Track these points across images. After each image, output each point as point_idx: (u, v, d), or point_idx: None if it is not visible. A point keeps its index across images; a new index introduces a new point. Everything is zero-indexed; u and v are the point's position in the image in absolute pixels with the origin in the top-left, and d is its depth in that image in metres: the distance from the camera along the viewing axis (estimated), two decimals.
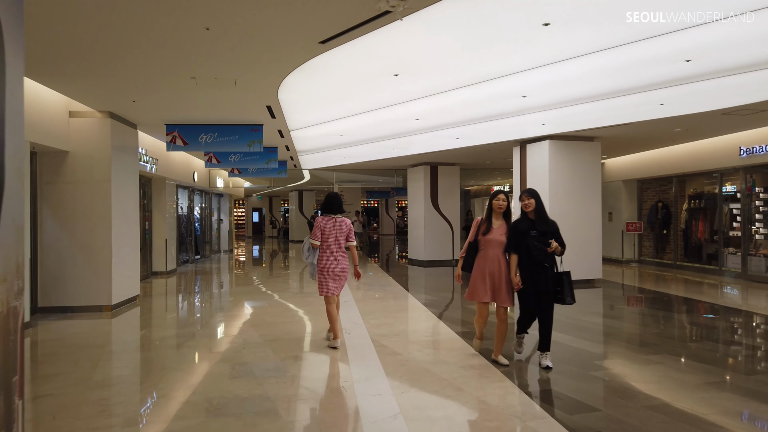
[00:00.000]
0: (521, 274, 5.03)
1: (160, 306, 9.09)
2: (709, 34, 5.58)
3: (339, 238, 5.88)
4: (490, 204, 5.31)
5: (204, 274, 14.09)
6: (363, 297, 9.40)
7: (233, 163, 11.82)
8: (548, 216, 5.21)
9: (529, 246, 4.98)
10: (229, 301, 9.63)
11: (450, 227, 15.64)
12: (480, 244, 5.23)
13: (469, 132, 10.80)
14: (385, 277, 12.56)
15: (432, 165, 15.49)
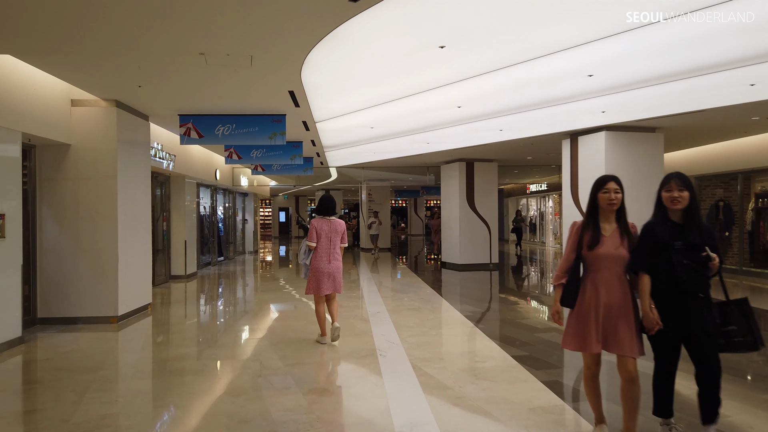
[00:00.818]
0: (658, 308, 3.27)
1: (173, 317, 8.17)
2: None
3: (333, 239, 5.97)
4: (593, 199, 3.49)
5: (226, 277, 13.21)
6: (396, 307, 8.31)
7: (255, 159, 10.87)
8: (701, 218, 3.41)
9: (674, 264, 3.22)
10: (250, 309, 8.66)
11: (487, 228, 14.42)
12: (585, 262, 3.39)
13: (514, 123, 9.61)
14: (417, 282, 11.45)
15: (468, 161, 14.30)
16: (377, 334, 6.48)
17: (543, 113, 8.86)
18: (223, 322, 7.77)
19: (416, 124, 9.73)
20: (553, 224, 22.68)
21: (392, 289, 10.52)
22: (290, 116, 8.44)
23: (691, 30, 5.16)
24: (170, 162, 10.77)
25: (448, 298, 9.33)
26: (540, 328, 7.10)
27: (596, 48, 5.70)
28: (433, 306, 8.59)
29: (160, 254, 11.44)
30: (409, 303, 8.78)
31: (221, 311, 8.67)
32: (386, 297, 9.34)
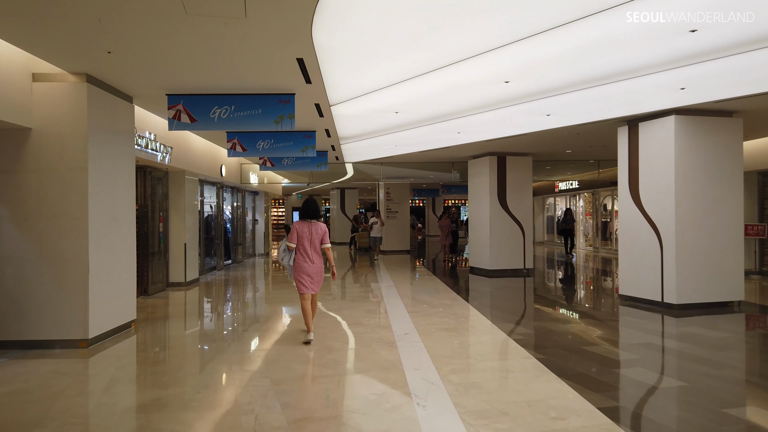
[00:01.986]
0: None
1: (160, 338, 6.76)
2: None
3: (314, 241, 6.12)
4: None
5: (231, 284, 11.82)
6: (427, 326, 6.81)
7: (262, 151, 9.45)
8: None
9: None
10: (253, 326, 7.23)
11: (521, 230, 12.86)
12: None
13: (560, 106, 8.06)
14: (444, 292, 9.94)
15: (499, 155, 12.75)
16: (409, 368, 4.99)
17: (596, 94, 7.32)
18: (219, 346, 6.34)
19: (447, 107, 8.21)
20: (584, 225, 20.99)
21: (417, 300, 9.03)
22: (300, 97, 6.99)
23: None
24: (166, 155, 9.39)
25: (486, 313, 7.80)
26: (618, 361, 5.56)
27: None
28: (472, 324, 7.08)
29: (156, 259, 10.09)
30: (441, 320, 7.27)
31: (219, 330, 7.24)
32: (413, 311, 7.84)
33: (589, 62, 6.01)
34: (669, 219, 8.07)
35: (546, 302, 9.45)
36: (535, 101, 7.69)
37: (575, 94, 7.36)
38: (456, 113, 8.49)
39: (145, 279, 9.65)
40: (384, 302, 8.77)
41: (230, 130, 6.89)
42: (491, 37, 5.25)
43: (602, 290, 11.10)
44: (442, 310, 8.02)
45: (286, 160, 12.02)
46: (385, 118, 8.91)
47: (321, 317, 7.47)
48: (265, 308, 8.80)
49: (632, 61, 5.95)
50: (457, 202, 36.57)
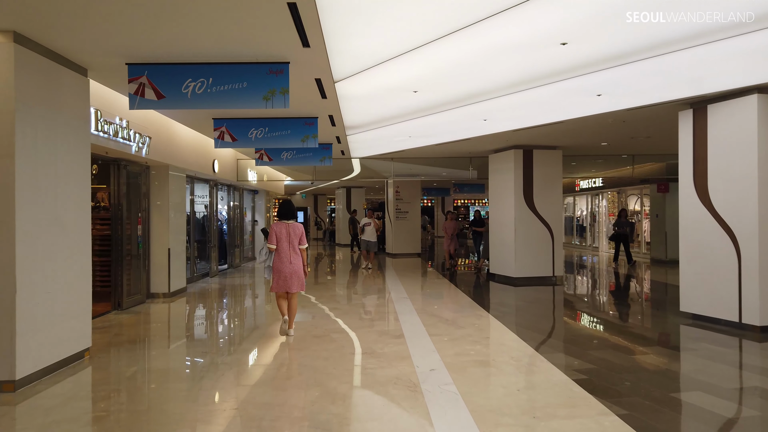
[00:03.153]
0: None
1: (120, 372, 5.29)
2: None
3: (292, 241, 6.26)
4: None
5: (224, 294, 10.36)
6: (456, 357, 5.32)
7: (254, 141, 7.99)
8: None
9: None
10: (240, 355, 5.75)
11: (549, 233, 11.33)
12: None
13: (616, 84, 6.56)
14: (468, 306, 8.44)
15: (525, 149, 11.22)
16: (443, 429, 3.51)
17: (654, 66, 5.82)
18: (190, 391, 4.87)
19: (477, 84, 6.71)
20: (607, 226, 19.41)
21: (438, 316, 7.54)
22: (297, 67, 5.51)
23: None
24: (143, 146, 7.94)
25: (526, 337, 6.29)
26: (733, 419, 4.04)
27: None
28: (513, 355, 5.56)
29: (133, 267, 8.64)
30: (472, 348, 5.77)
31: (197, 358, 5.77)
32: (435, 334, 6.35)
33: (651, 16, 4.51)
34: (750, 222, 6.53)
35: (591, 320, 7.92)
36: (587, 75, 6.17)
37: (631, 68, 5.86)
38: (487, 92, 6.98)
39: (118, 290, 8.20)
40: (399, 320, 7.28)
41: (208, 108, 5.39)
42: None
43: (653, 304, 9.56)
44: (470, 333, 6.50)
45: (285, 154, 10.54)
46: (400, 100, 7.41)
47: (325, 342, 5.98)
48: (257, 327, 7.32)
49: (700, 23, 4.47)
50: (466, 201, 35.04)
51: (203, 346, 6.22)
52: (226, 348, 6.07)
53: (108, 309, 8.12)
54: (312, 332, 6.57)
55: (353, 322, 7.26)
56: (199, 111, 8.00)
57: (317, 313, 7.83)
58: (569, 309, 8.76)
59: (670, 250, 14.75)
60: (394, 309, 8.12)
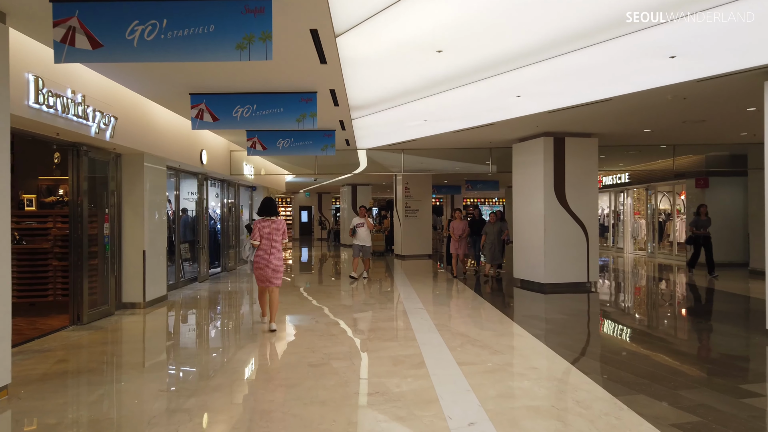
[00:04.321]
0: None
1: (35, 422, 3.84)
2: None
3: (275, 237, 6.32)
4: None
5: (210, 302, 8.93)
6: (501, 401, 3.86)
7: (241, 121, 6.55)
8: None
9: None
10: (216, 384, 4.30)
11: (584, 233, 9.82)
12: None
13: (690, 41, 5.08)
14: (500, 320, 6.97)
15: (557, 136, 9.72)
16: None
17: (741, 18, 4.34)
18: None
19: (513, 44, 5.24)
20: (632, 226, 17.85)
21: (465, 336, 6.07)
22: (282, 6, 4.05)
23: None
24: (106, 127, 6.51)
25: (587, 368, 4.81)
26: None
27: None
28: (582, 401, 4.06)
29: (98, 273, 7.23)
30: (520, 385, 4.30)
31: (151, 400, 4.32)
32: (467, 362, 4.87)
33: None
34: None
35: (659, 343, 6.41)
36: (659, 28, 4.69)
37: (713, 18, 4.39)
38: (524, 55, 5.49)
39: (77, 302, 6.77)
40: (416, 339, 5.80)
41: (161, 59, 3.89)
42: None
43: (722, 318, 8.04)
44: (511, 361, 5.02)
45: (281, 141, 9.09)
46: (417, 65, 5.92)
47: (324, 374, 4.52)
48: (241, 348, 5.86)
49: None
50: (476, 200, 33.49)
51: (163, 381, 4.76)
52: (194, 384, 4.61)
53: (65, 324, 6.71)
54: (308, 358, 5.11)
55: (360, 343, 5.80)
56: (173, 83, 6.56)
57: (316, 330, 6.37)
58: (620, 324, 7.26)
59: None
60: (409, 324, 6.65)
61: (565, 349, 5.48)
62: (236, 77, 6.23)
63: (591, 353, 5.42)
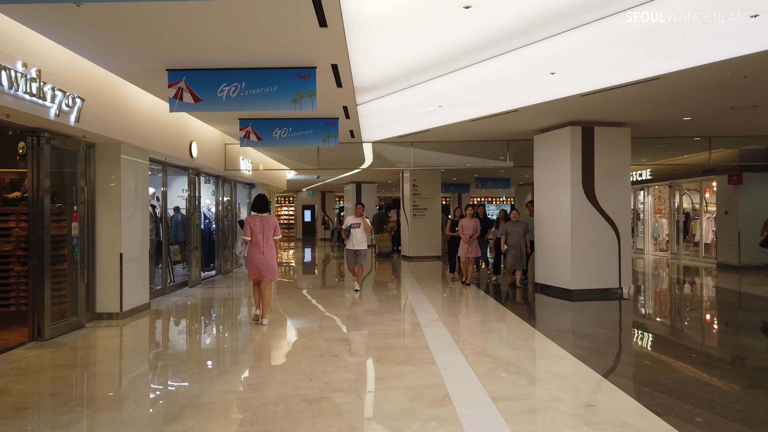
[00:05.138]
0: None
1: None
2: None
3: (266, 233, 6.33)
4: None
5: (199, 311, 7.93)
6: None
7: (227, 102, 5.53)
8: None
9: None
10: (187, 429, 3.31)
11: (615, 233, 8.77)
12: None
13: None
14: (530, 336, 5.94)
15: (585, 125, 8.68)
16: None
17: None
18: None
19: (547, 3, 4.21)
20: (653, 226, 16.76)
21: (496, 359, 5.04)
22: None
23: None
24: (70, 110, 5.50)
25: (649, 401, 3.77)
26: None
27: None
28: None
29: (66, 279, 6.24)
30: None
31: None
32: (502, 397, 3.84)
33: None
34: None
35: (718, 362, 5.36)
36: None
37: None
38: (561, 16, 4.45)
39: (38, 313, 5.76)
40: (436, 362, 4.77)
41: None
42: None
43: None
44: (557, 393, 3.97)
45: (278, 131, 8.09)
46: (437, 29, 4.88)
47: (323, 413, 3.49)
48: (222, 376, 4.84)
49: None
50: (483, 199, 32.41)
51: (121, 422, 3.74)
52: (155, 429, 3.59)
53: (23, 339, 5.71)
54: (304, 388, 4.08)
55: (368, 366, 4.78)
56: (146, 57, 5.55)
57: (315, 347, 5.35)
58: (676, 342, 6.20)
59: (744, 254, 12.11)
60: (425, 340, 5.61)
61: (622, 378, 4.43)
62: (220, 49, 5.21)
63: (655, 383, 4.37)
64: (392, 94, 7.05)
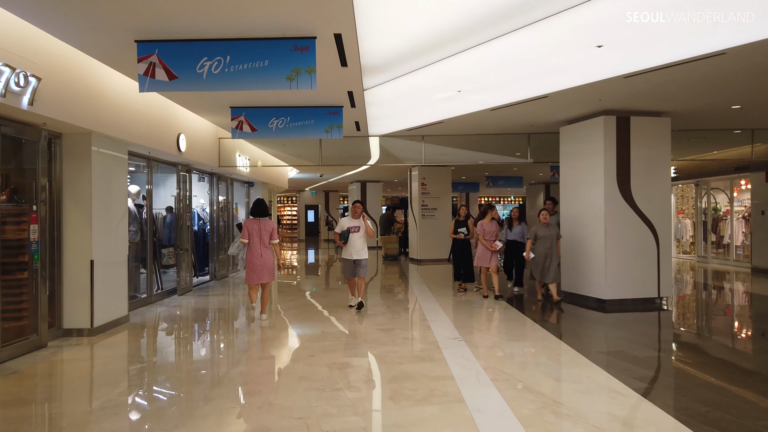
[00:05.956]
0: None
1: None
2: None
3: (263, 236, 6.48)
4: None
5: (185, 325, 6.97)
6: None
7: (208, 80, 4.55)
8: None
9: None
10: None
11: (654, 236, 7.78)
12: None
13: None
14: (580, 366, 4.96)
15: (620, 115, 7.68)
16: None
17: None
18: None
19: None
20: (676, 227, 15.71)
21: (539, 394, 4.07)
22: None
23: None
24: (21, 90, 4.55)
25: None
26: None
27: None
28: None
29: (24, 290, 5.29)
30: None
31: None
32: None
33: None
34: None
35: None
36: None
37: None
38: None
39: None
40: (465, 402, 3.79)
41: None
42: None
43: None
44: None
45: (275, 121, 7.13)
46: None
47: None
48: (211, 419, 3.87)
49: None
50: (491, 199, 31.38)
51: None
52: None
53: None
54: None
55: (380, 407, 3.80)
56: (112, 26, 4.58)
57: (315, 377, 4.37)
58: (745, 367, 5.19)
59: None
60: (448, 368, 4.62)
61: (711, 427, 3.43)
62: (200, 15, 4.24)
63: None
64: (405, 75, 6.06)
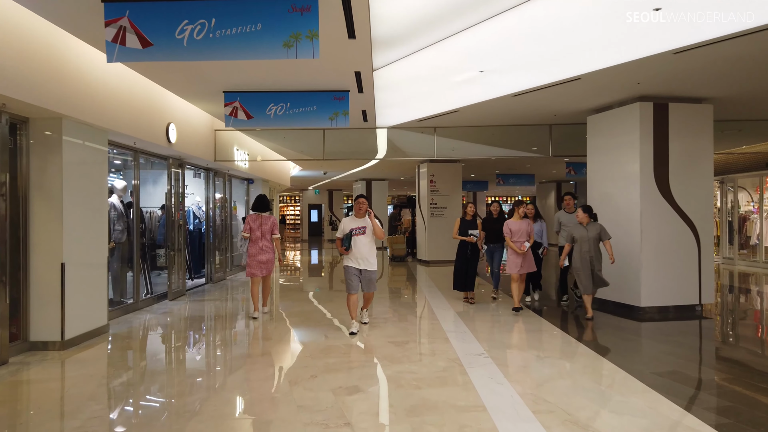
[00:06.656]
0: None
1: None
2: None
3: (265, 231, 6.61)
4: None
5: (172, 337, 6.20)
6: None
7: (189, 47, 3.76)
8: None
9: None
10: None
11: (694, 236, 6.97)
12: None
13: None
14: (635, 391, 4.17)
15: (657, 101, 6.88)
16: None
17: None
18: None
19: None
20: None
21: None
22: None
23: None
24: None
25: None
26: None
27: None
28: None
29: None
30: None
31: None
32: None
33: None
34: None
35: None
36: None
37: None
38: None
39: None
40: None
41: None
42: None
43: None
44: None
45: (273, 107, 6.35)
46: None
47: None
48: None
49: None
50: (498, 198, 30.53)
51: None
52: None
53: None
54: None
55: None
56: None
57: (317, 406, 3.59)
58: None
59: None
60: (479, 396, 3.83)
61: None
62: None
63: None
64: (420, 51, 5.27)
